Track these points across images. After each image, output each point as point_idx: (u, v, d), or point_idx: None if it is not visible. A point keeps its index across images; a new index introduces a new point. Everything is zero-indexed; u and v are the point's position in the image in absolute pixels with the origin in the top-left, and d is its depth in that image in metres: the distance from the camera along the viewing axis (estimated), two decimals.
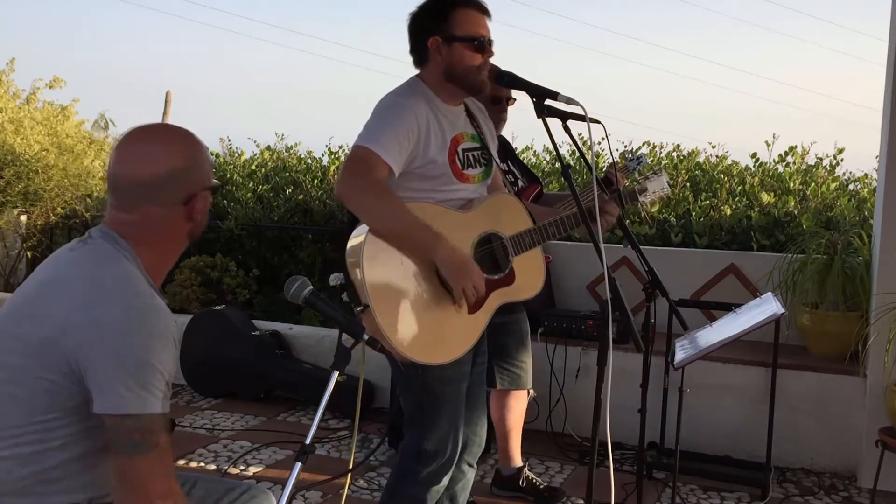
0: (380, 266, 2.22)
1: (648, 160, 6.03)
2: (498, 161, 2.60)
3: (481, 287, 2.32)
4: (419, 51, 2.42)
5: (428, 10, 2.41)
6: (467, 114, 2.52)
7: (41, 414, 1.57)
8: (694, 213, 5.13)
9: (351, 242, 2.29)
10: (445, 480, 2.51)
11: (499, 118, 3.17)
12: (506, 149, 3.39)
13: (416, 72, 2.48)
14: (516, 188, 3.40)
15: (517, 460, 3.52)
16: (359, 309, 2.19)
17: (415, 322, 2.23)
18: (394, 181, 2.30)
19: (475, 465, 2.69)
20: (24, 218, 6.86)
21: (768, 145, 5.84)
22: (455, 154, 2.41)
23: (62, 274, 1.64)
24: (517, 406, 3.43)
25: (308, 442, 1.71)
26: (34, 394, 1.57)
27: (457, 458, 2.50)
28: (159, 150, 1.67)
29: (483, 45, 2.38)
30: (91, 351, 1.53)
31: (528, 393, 3.45)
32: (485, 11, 2.41)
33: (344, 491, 3.33)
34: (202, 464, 3.89)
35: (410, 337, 1.85)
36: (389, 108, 2.34)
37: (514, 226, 2.50)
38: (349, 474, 3.26)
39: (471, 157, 2.47)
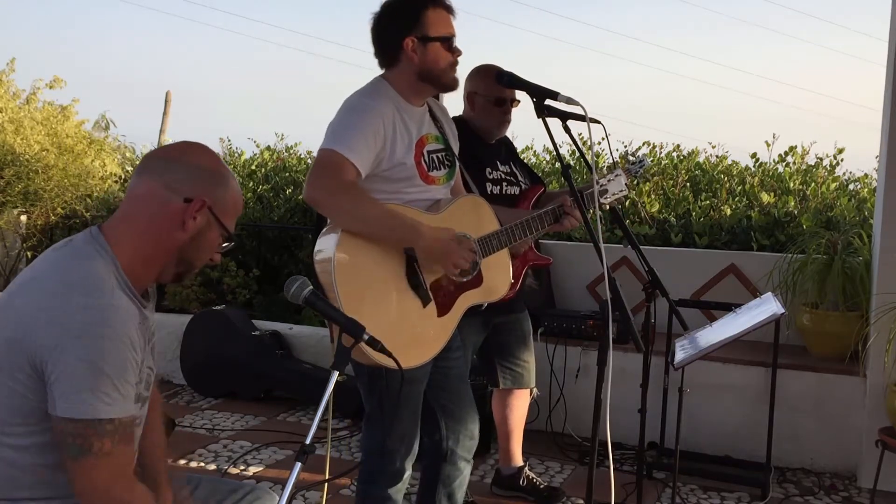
0: (351, 269, 2.21)
1: (650, 161, 6.04)
2: (458, 162, 2.61)
3: (472, 255, 2.36)
4: (390, 51, 2.41)
5: (399, 10, 2.41)
6: (430, 115, 2.52)
7: (19, 416, 1.55)
8: (694, 213, 5.14)
9: (320, 244, 2.28)
10: (408, 475, 2.52)
11: (503, 119, 3.17)
12: (509, 150, 3.39)
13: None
14: (519, 189, 3.40)
15: (518, 460, 3.52)
16: None
17: (385, 326, 2.21)
18: (360, 183, 2.29)
19: (471, 461, 2.69)
20: (24, 218, 6.86)
21: (768, 145, 5.85)
22: (421, 156, 2.41)
23: (37, 274, 1.63)
24: (519, 405, 3.43)
25: (308, 442, 1.70)
26: (8, 395, 1.55)
27: (415, 452, 2.52)
28: (198, 150, 1.72)
29: (453, 45, 2.40)
30: (47, 349, 1.50)
31: (532, 392, 3.46)
32: (452, 11, 2.43)
33: (322, 500, 3.33)
34: (202, 464, 3.89)
35: (382, 341, 1.85)
36: (355, 110, 2.33)
37: (482, 228, 2.50)
38: (325, 483, 3.26)
39: (435, 159, 2.47)
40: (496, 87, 2.82)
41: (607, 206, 2.82)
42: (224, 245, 1.73)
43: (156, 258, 1.67)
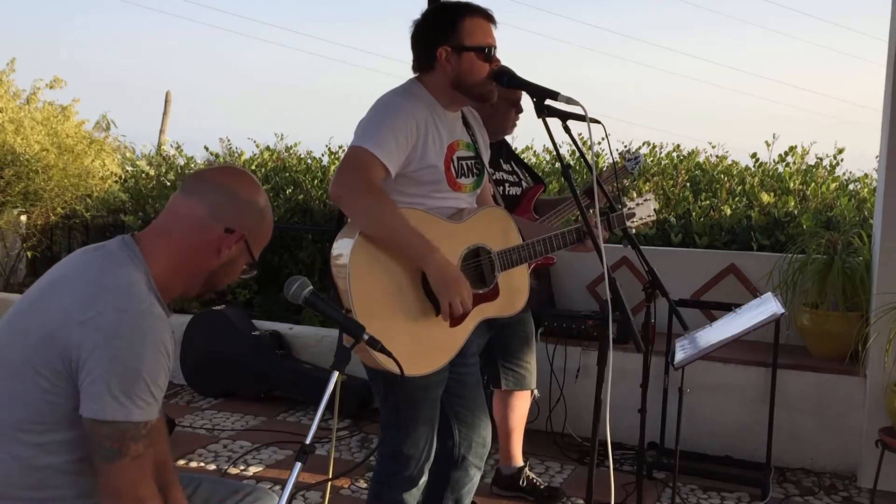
0: (366, 273, 2.20)
1: (646, 160, 6.04)
2: (489, 171, 2.59)
3: (468, 303, 2.29)
4: (425, 58, 2.38)
5: (435, 18, 2.38)
6: (463, 121, 2.50)
7: (37, 414, 1.57)
8: (694, 213, 5.14)
9: (337, 246, 2.26)
10: (424, 480, 2.51)
11: (515, 120, 3.17)
12: (507, 150, 3.38)
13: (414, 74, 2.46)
14: (521, 188, 3.40)
15: (518, 460, 3.52)
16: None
17: (397, 332, 2.20)
18: (387, 184, 2.28)
19: (482, 468, 2.67)
20: (24, 218, 6.87)
21: (768, 145, 5.85)
22: (450, 161, 2.39)
23: (69, 273, 1.65)
24: (520, 406, 3.43)
25: (308, 442, 1.71)
26: (31, 392, 1.56)
27: (432, 457, 2.50)
28: (247, 181, 1.77)
29: (491, 55, 2.36)
30: (82, 350, 1.52)
31: (532, 393, 3.46)
32: (492, 19, 2.39)
33: (325, 499, 3.33)
34: (202, 464, 3.89)
35: (391, 347, 1.85)
36: (388, 108, 2.31)
37: (503, 241, 2.47)
38: (329, 482, 3.26)
39: (464, 166, 2.45)
40: (510, 90, 2.81)
41: (633, 229, 2.80)
42: (246, 270, 1.79)
43: (185, 276, 1.72)
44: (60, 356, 1.54)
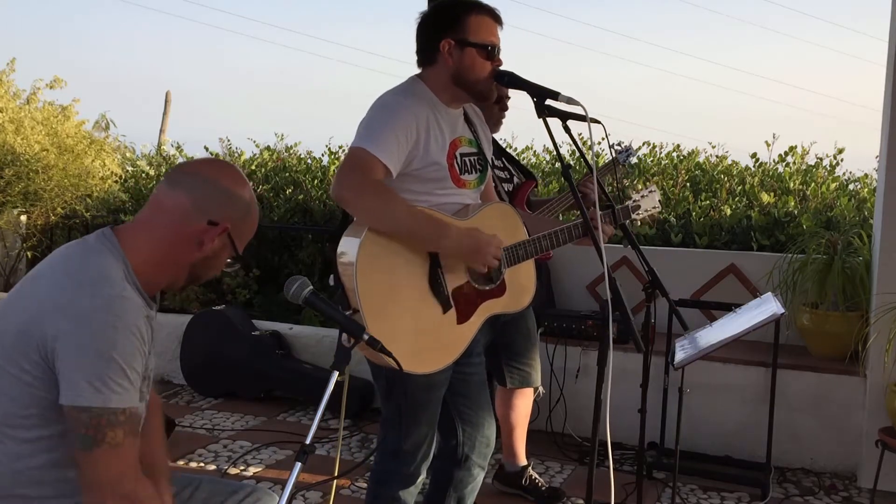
0: (372, 272, 2.20)
1: (647, 160, 6.04)
2: (493, 167, 2.59)
3: (498, 253, 2.32)
4: (427, 51, 2.39)
5: (442, 11, 2.39)
6: (465, 118, 2.50)
7: (22, 409, 1.57)
8: (694, 213, 5.14)
9: (343, 246, 2.26)
10: (422, 479, 2.52)
11: (500, 116, 3.16)
12: (496, 146, 3.39)
13: (415, 71, 2.46)
14: (512, 185, 3.40)
15: (522, 458, 3.51)
16: (348, 312, 2.19)
17: (403, 330, 2.21)
18: (390, 182, 2.28)
19: (485, 467, 2.67)
20: (24, 218, 6.86)
21: (768, 145, 5.85)
22: (454, 158, 2.39)
23: (48, 268, 1.66)
24: (522, 403, 3.42)
25: (308, 442, 1.71)
26: (15, 386, 1.56)
27: (431, 456, 2.51)
28: (231, 174, 1.75)
29: (494, 53, 2.36)
30: (57, 339, 1.52)
31: (537, 390, 3.45)
32: (498, 20, 2.40)
33: (331, 497, 3.33)
34: (202, 464, 3.89)
35: (398, 345, 1.85)
36: (388, 107, 2.31)
37: (509, 236, 2.46)
38: (335, 480, 3.26)
39: (467, 163, 2.45)
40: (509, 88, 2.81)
41: (640, 222, 2.81)
42: (230, 264, 1.79)
43: (167, 267, 1.71)
44: (37, 347, 1.54)
